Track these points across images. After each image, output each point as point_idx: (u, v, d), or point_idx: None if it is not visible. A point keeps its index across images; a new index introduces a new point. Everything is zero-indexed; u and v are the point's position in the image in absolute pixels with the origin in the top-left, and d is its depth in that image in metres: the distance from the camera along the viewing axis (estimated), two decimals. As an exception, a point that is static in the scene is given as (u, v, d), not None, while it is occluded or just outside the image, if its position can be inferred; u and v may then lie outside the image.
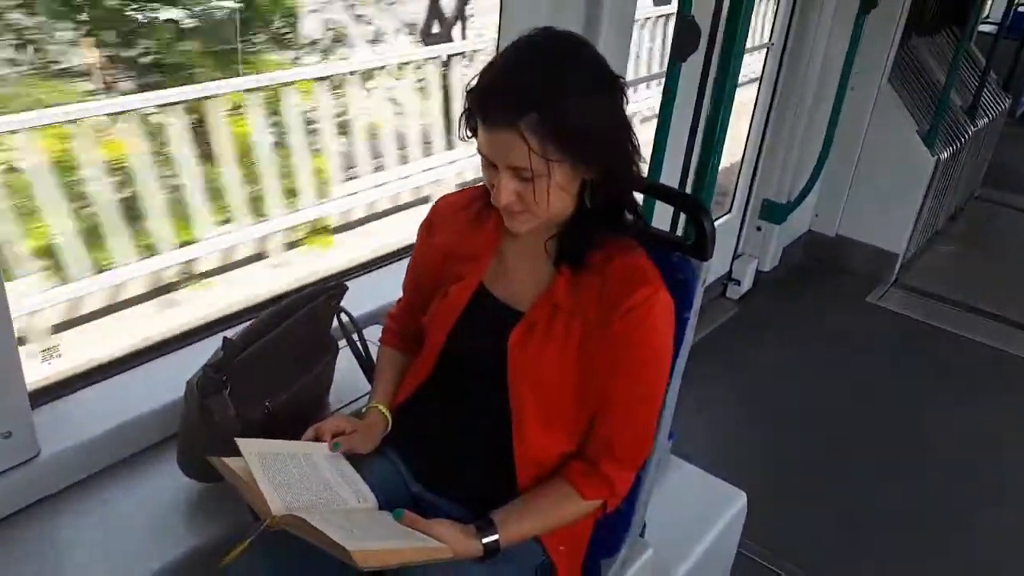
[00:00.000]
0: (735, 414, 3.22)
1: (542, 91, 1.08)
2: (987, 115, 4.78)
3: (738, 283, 3.94)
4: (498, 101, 1.10)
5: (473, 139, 1.17)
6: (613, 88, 1.15)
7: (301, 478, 1.18)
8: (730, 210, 3.89)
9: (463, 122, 1.17)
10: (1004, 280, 4.49)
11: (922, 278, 4.40)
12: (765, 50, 3.66)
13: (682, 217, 2.38)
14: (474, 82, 1.14)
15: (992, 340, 3.86)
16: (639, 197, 1.33)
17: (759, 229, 3.98)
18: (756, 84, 3.76)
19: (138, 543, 1.40)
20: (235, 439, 1.17)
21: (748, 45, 2.86)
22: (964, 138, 4.41)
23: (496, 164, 1.15)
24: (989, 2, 5.97)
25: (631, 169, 1.20)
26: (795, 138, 3.78)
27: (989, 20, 5.52)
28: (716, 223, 3.66)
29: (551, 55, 1.12)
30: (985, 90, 4.67)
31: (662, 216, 2.13)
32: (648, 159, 2.21)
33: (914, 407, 3.33)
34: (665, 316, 1.23)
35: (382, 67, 4.66)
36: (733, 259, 3.98)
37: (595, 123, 1.11)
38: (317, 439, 1.30)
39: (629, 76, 2.81)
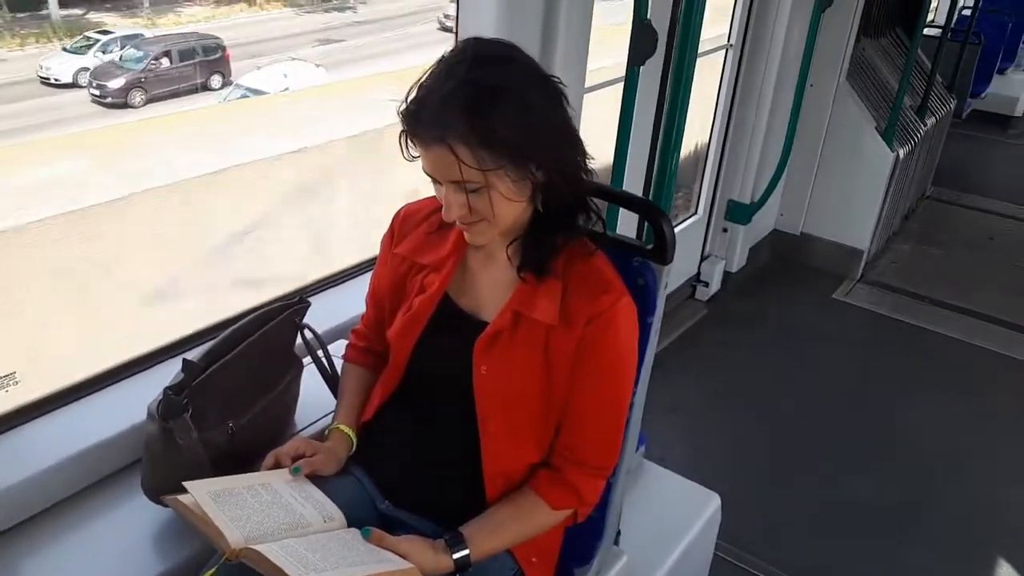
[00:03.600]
0: (706, 415, 3.23)
1: (466, 101, 1.07)
2: (935, 115, 4.87)
3: (706, 284, 3.97)
4: (425, 117, 1.09)
5: (418, 160, 1.16)
6: (545, 89, 1.15)
7: (260, 507, 1.16)
8: (696, 212, 3.92)
9: (402, 142, 1.15)
10: (964, 275, 4.57)
11: (887, 274, 4.46)
12: (724, 51, 3.69)
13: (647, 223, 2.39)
14: (403, 102, 1.13)
15: (957, 333, 3.92)
16: (601, 204, 1.33)
17: (725, 230, 4.01)
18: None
19: (104, 572, 1.37)
20: (183, 483, 1.14)
21: (708, 47, 2.89)
22: (917, 137, 4.49)
23: (440, 180, 1.14)
24: (933, 5, 6.09)
25: (577, 169, 1.20)
26: (757, 138, 3.82)
27: (934, 24, 5.62)
28: (682, 225, 3.71)
29: (476, 64, 1.10)
30: (932, 91, 4.76)
31: (629, 223, 2.14)
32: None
33: (884, 401, 3.36)
34: (629, 322, 1.23)
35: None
36: (701, 261, 4.00)
37: (528, 126, 1.10)
38: (277, 465, 1.28)
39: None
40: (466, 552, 1.19)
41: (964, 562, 2.55)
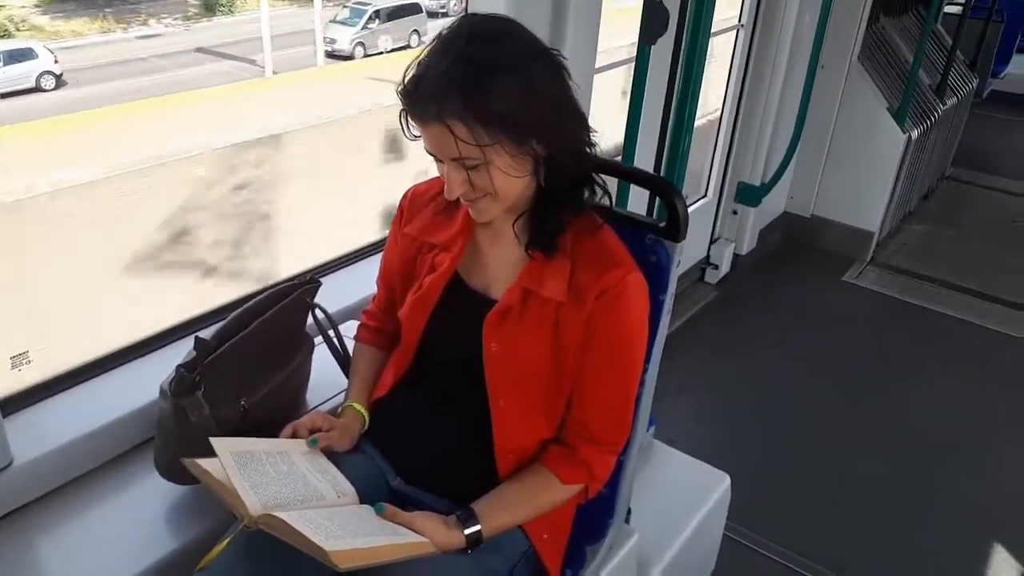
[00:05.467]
0: (716, 397, 3.23)
1: (461, 78, 1.07)
2: (955, 95, 4.82)
3: (716, 267, 3.96)
4: (421, 95, 1.09)
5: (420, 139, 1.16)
6: (544, 63, 1.14)
7: (278, 476, 1.17)
8: (705, 194, 3.90)
9: (402, 122, 1.15)
10: (977, 257, 4.54)
11: (897, 256, 4.44)
12: (735, 32, 3.66)
13: (657, 201, 2.39)
14: (401, 81, 1.13)
15: (967, 315, 3.90)
16: (612, 182, 1.33)
17: (735, 212, 3.99)
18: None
19: (117, 549, 1.38)
20: (209, 438, 1.15)
21: (718, 27, 2.87)
22: (934, 116, 4.45)
23: (440, 158, 1.14)
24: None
25: (580, 143, 1.19)
26: (767, 119, 3.79)
27: (955, 1, 5.56)
28: (692, 207, 3.70)
29: (472, 40, 1.10)
30: (953, 70, 4.71)
31: (638, 201, 2.14)
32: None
33: (893, 383, 3.35)
34: (638, 296, 1.23)
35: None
36: (710, 243, 3.99)
37: (525, 101, 1.10)
38: (294, 436, 1.28)
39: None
40: (478, 528, 1.19)
41: (972, 544, 2.55)
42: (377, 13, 10.94)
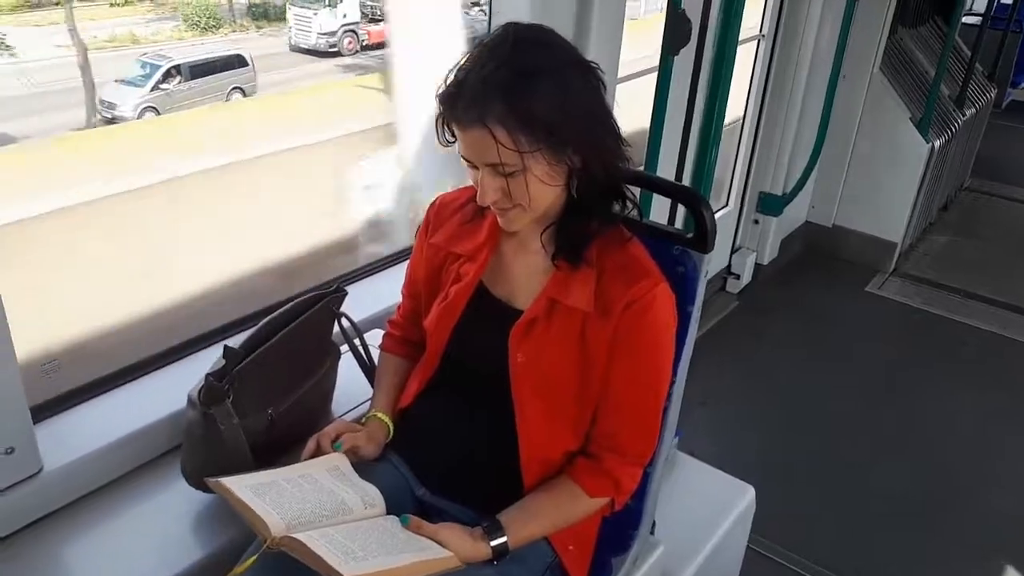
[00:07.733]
0: (739, 408, 3.22)
1: (506, 83, 1.07)
2: (974, 105, 4.81)
3: (737, 277, 3.95)
4: (464, 99, 1.10)
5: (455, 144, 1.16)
6: (583, 74, 1.14)
7: (301, 495, 1.17)
8: (727, 204, 3.89)
9: (439, 127, 1.16)
10: (999, 267, 4.51)
11: (920, 267, 4.42)
12: (756, 41, 3.66)
13: (679, 211, 2.39)
14: (442, 85, 1.13)
15: (991, 325, 3.88)
16: (636, 191, 1.33)
17: (756, 222, 3.98)
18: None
19: (144, 556, 1.39)
20: (222, 480, 1.15)
21: (739, 37, 2.89)
22: (955, 127, 4.43)
23: (476, 163, 1.15)
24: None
25: (613, 155, 1.19)
26: (789, 129, 3.78)
27: (973, 12, 5.53)
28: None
29: (515, 47, 1.10)
30: (971, 81, 4.69)
31: (659, 210, 2.13)
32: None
33: (917, 394, 3.33)
34: (666, 308, 1.22)
35: None
36: (732, 253, 3.98)
37: (564, 109, 1.10)
38: (318, 447, 1.29)
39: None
40: (504, 539, 1.19)
41: (997, 557, 2.53)
42: (178, 69, 8.04)
